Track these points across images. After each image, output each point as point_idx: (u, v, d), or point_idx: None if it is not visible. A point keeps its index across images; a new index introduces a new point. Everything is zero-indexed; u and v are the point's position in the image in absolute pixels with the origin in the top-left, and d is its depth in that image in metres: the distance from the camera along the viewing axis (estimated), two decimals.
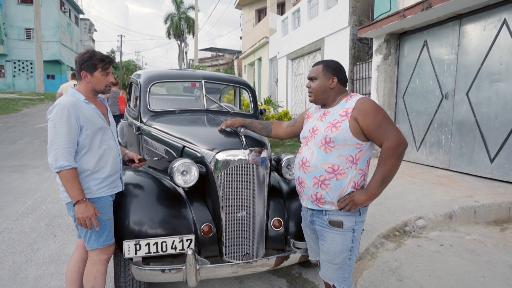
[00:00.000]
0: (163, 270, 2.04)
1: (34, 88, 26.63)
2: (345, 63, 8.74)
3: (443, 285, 2.64)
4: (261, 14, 19.24)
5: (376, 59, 7.34)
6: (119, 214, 2.13)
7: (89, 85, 2.03)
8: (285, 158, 2.62)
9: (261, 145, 2.42)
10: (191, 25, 36.11)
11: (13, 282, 2.59)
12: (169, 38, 38.83)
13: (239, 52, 26.87)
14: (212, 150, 2.33)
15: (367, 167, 1.83)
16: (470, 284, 2.66)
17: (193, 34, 31.65)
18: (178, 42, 38.55)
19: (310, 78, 1.95)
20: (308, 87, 1.98)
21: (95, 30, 44.99)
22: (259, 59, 17.52)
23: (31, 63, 29.07)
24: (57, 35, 29.92)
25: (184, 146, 2.75)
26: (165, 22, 37.98)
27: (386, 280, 2.72)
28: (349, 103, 1.80)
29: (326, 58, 9.85)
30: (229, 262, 2.22)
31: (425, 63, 6.45)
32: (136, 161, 2.45)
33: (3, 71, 29.33)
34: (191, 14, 36.15)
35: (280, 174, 2.63)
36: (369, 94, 7.85)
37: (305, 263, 2.67)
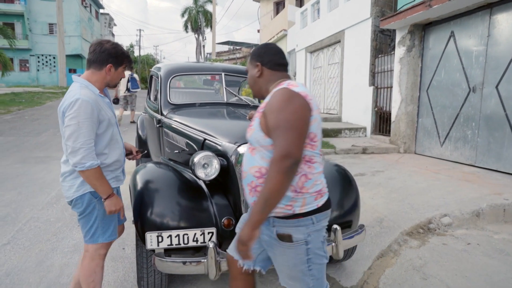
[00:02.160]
0: (184, 262, 2.03)
1: (57, 82, 27.34)
2: (366, 56, 8.54)
3: (471, 285, 2.55)
4: (279, 6, 19.02)
5: (399, 51, 7.12)
6: (141, 206, 2.14)
7: (107, 78, 1.96)
8: None
9: None
10: (208, 19, 36.14)
11: (40, 270, 2.66)
12: (187, 32, 39.02)
13: (256, 46, 26.70)
14: (233, 143, 2.31)
15: (306, 164, 1.45)
16: (500, 285, 2.55)
17: (211, 27, 31.67)
18: (196, 35, 38.69)
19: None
20: None
21: (115, 25, 45.73)
22: None
23: (54, 58, 29.84)
24: (78, 30, 30.56)
25: (204, 139, 2.74)
26: (183, 15, 38.16)
27: (410, 278, 2.65)
28: (270, 94, 1.50)
29: (346, 50, 9.66)
30: None
31: (451, 55, 6.21)
32: (134, 153, 2.38)
33: (27, 65, 30.25)
34: (209, 7, 36.16)
35: None
36: (391, 87, 7.65)
37: None
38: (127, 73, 9.76)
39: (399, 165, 6.06)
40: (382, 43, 8.54)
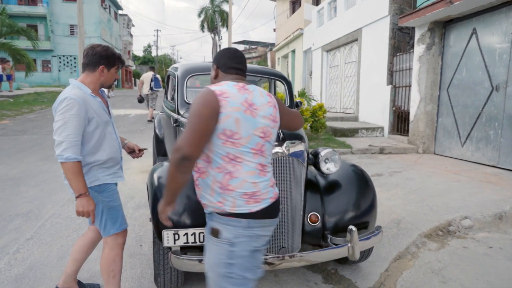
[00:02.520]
0: (200, 260, 2.05)
1: None
2: (384, 54, 8.39)
3: None
4: (295, 5, 18.92)
5: (418, 49, 6.97)
6: (158, 205, 2.17)
7: (101, 79, 2.06)
8: (323, 152, 2.55)
9: (298, 138, 2.37)
10: (224, 18, 36.30)
11: (61, 265, 2.74)
12: (203, 32, 39.31)
13: (272, 45, 26.66)
14: None
15: (230, 163, 1.47)
16: None
17: (227, 27, 31.81)
18: (212, 35, 38.94)
19: None
20: None
21: (133, 25, 46.51)
22: (293, 51, 17.30)
23: (74, 58, 30.60)
24: (98, 31, 31.23)
25: None
26: (199, 15, 38.47)
27: (428, 281, 2.59)
28: None
29: (363, 49, 9.53)
30: (265, 255, 2.20)
31: (473, 53, 6.04)
32: (137, 151, 2.43)
33: (49, 65, 31.12)
34: (225, 7, 36.31)
35: (318, 168, 2.56)
36: (410, 86, 7.50)
37: (342, 259, 2.60)
38: (150, 73, 10.46)
39: (418, 166, 5.94)
40: (401, 41, 8.38)
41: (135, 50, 53.83)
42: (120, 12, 40.57)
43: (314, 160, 2.55)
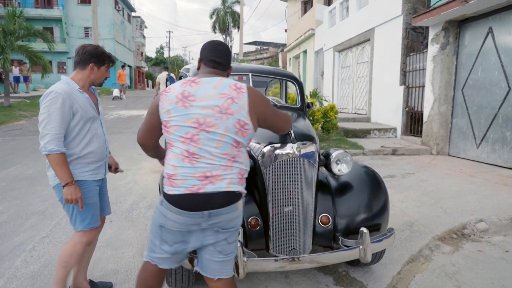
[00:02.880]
0: None
1: None
2: (397, 54, 8.29)
3: None
4: (307, 5, 18.86)
5: (432, 49, 6.86)
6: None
7: (91, 77, 2.13)
8: (334, 153, 2.53)
9: (309, 139, 2.36)
10: (236, 19, 36.42)
11: None
12: (215, 33, 39.52)
13: (284, 45, 26.64)
14: (259, 144, 2.32)
15: (168, 147, 1.64)
16: None
17: (238, 28, 31.91)
18: (223, 36, 39.10)
19: None
20: None
21: (146, 27, 47.07)
22: (304, 52, 17.24)
23: None
24: (111, 33, 31.71)
25: None
26: (211, 17, 38.69)
27: (442, 285, 2.55)
28: None
29: (376, 49, 9.43)
30: (275, 256, 2.21)
31: (489, 53, 5.91)
32: (113, 170, 2.48)
33: (64, 67, 31.72)
34: (236, 8, 36.43)
35: (329, 170, 2.55)
36: (423, 86, 7.39)
37: (353, 261, 2.57)
38: (165, 73, 11.24)
39: (431, 167, 5.84)
40: (414, 41, 8.27)
41: (147, 52, 54.52)
42: (133, 14, 41.10)
43: (326, 161, 2.54)
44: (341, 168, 2.53)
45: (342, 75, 12.31)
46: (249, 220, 2.23)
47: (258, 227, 2.25)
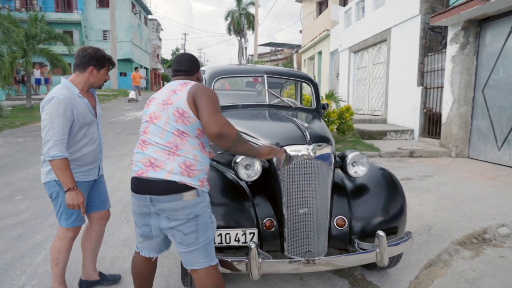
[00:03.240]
0: (226, 261, 2.07)
1: (109, 85, 29.10)
2: (415, 54, 8.14)
3: None
4: (322, 6, 18.75)
5: (451, 49, 6.71)
6: None
7: (90, 79, 2.16)
8: (350, 155, 2.50)
9: (325, 140, 2.34)
10: (251, 21, 36.51)
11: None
12: (230, 35, 39.69)
13: (298, 46, 26.55)
14: (275, 145, 2.31)
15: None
16: None
17: (253, 29, 31.98)
18: (238, 38, 39.24)
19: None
20: None
21: (162, 30, 47.71)
22: (319, 53, 17.14)
23: None
24: (129, 35, 32.29)
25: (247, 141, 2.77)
26: (226, 18, 38.88)
27: None
28: None
29: (392, 49, 9.29)
30: (290, 258, 2.20)
31: (511, 52, 5.74)
32: None
33: None
34: (251, 10, 36.53)
35: (345, 172, 2.52)
36: (442, 87, 7.23)
37: (370, 265, 2.54)
38: None
39: (450, 170, 5.71)
40: (432, 41, 8.10)
41: (163, 54, 55.21)
42: (149, 17, 41.74)
43: (341, 163, 2.51)
44: (357, 170, 2.50)
45: (357, 76, 12.18)
46: (264, 222, 2.23)
47: (273, 229, 2.24)
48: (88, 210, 2.34)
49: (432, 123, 7.77)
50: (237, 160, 2.27)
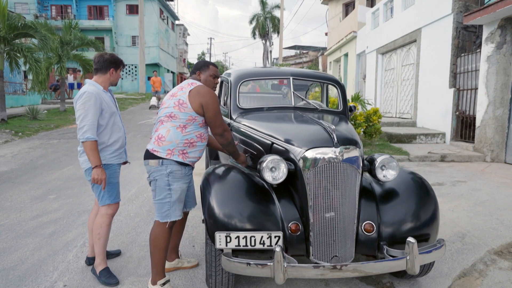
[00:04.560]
0: (251, 264, 2.05)
1: (138, 89, 29.98)
2: (446, 55, 7.85)
3: None
4: (348, 8, 18.48)
5: (487, 48, 6.41)
6: (211, 207, 2.21)
7: (111, 79, 2.63)
8: (379, 158, 2.42)
9: (353, 143, 2.28)
10: (275, 24, 36.56)
11: (121, 260, 2.92)
12: (254, 38, 39.89)
13: (323, 49, 26.27)
14: (301, 147, 2.28)
15: None
16: None
17: (278, 33, 31.98)
18: (263, 41, 39.37)
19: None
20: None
21: (188, 34, 48.68)
22: (346, 55, 16.88)
23: (135, 67, 32.75)
24: (156, 41, 33.16)
25: (272, 143, 2.75)
26: (251, 22, 39.12)
27: None
28: None
29: (422, 50, 9.01)
30: (316, 263, 2.15)
31: None
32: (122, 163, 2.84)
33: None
34: (276, 13, 36.57)
35: (373, 175, 2.44)
36: (476, 89, 6.91)
37: (399, 273, 2.44)
38: None
39: (485, 175, 5.43)
40: (465, 41, 7.77)
41: (189, 58, 56.32)
42: (177, 22, 42.71)
43: (370, 166, 2.44)
44: (387, 174, 2.42)
45: (385, 78, 11.88)
46: (289, 225, 2.20)
47: (299, 232, 2.20)
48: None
49: (465, 127, 7.44)
50: (263, 163, 2.25)
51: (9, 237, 3.36)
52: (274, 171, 2.27)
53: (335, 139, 2.20)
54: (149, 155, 2.33)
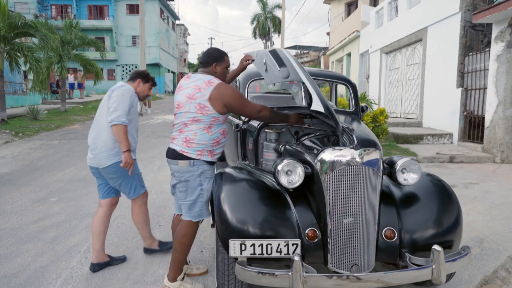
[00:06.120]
0: (267, 273, 1.93)
1: None
2: (454, 54, 7.72)
3: None
4: (350, 7, 18.37)
5: (496, 47, 6.29)
6: (224, 212, 2.09)
7: (137, 89, 2.83)
8: (400, 161, 2.30)
9: (372, 144, 2.17)
10: (276, 24, 36.45)
11: (127, 267, 2.80)
12: (255, 38, 39.81)
13: (325, 49, 26.16)
14: (317, 149, 2.16)
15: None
16: None
17: (279, 33, 31.87)
18: (264, 41, 39.27)
19: None
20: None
21: (189, 34, 48.59)
22: (348, 55, 16.77)
23: (136, 67, 32.65)
24: (157, 41, 33.05)
25: (284, 144, 2.63)
26: (252, 22, 39.05)
27: None
28: None
29: (429, 49, 8.88)
30: (334, 271, 2.04)
31: None
32: None
33: (114, 74, 33.53)
34: (276, 13, 36.49)
35: (393, 179, 2.32)
36: (485, 88, 6.79)
37: (424, 282, 2.32)
38: None
39: (497, 177, 5.31)
40: (473, 40, 7.65)
41: (190, 58, 56.20)
42: (177, 22, 42.59)
43: (390, 169, 2.32)
44: (407, 178, 2.30)
45: (389, 77, 11.76)
46: (306, 232, 2.08)
47: (316, 239, 2.08)
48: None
49: (473, 127, 7.32)
50: (278, 167, 2.13)
51: (10, 242, 3.24)
52: (290, 175, 2.15)
53: (355, 141, 2.09)
54: (177, 156, 2.30)
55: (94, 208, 4.11)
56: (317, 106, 2.31)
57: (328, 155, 2.07)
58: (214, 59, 2.40)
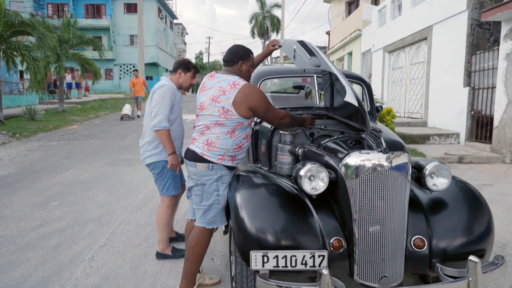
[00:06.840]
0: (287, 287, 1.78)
1: None
2: (461, 53, 7.60)
3: None
4: (351, 6, 18.25)
5: (506, 46, 6.17)
6: (242, 221, 1.94)
7: (179, 80, 2.83)
8: (428, 165, 2.15)
9: (399, 147, 2.03)
10: (275, 24, 36.31)
11: (135, 277, 2.64)
12: (253, 38, 39.63)
13: (324, 48, 26.04)
14: (342, 153, 2.01)
15: None
16: None
17: (277, 32, 31.73)
18: (262, 40, 39.10)
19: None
20: None
21: (187, 34, 48.36)
22: (349, 54, 16.65)
23: (134, 66, 32.39)
24: (155, 40, 32.80)
25: (300, 147, 2.48)
26: (250, 22, 38.86)
27: None
28: None
29: (434, 48, 8.76)
30: (362, 284, 1.89)
31: None
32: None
33: (111, 74, 33.26)
34: (275, 12, 36.35)
35: (422, 184, 2.18)
36: (494, 87, 6.67)
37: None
38: None
39: (510, 178, 5.19)
40: (480, 38, 7.53)
41: (188, 57, 56.05)
42: (175, 21, 42.34)
43: (418, 174, 2.17)
44: (437, 183, 2.15)
45: (393, 77, 11.64)
46: (331, 241, 1.93)
47: (342, 249, 1.94)
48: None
49: (480, 127, 7.20)
50: (301, 172, 1.98)
51: (10, 250, 3.07)
52: (313, 181, 2.00)
53: (384, 144, 1.94)
54: (197, 158, 2.19)
55: (97, 213, 3.95)
56: (350, 98, 2.16)
57: (354, 159, 1.92)
58: (240, 57, 2.26)
